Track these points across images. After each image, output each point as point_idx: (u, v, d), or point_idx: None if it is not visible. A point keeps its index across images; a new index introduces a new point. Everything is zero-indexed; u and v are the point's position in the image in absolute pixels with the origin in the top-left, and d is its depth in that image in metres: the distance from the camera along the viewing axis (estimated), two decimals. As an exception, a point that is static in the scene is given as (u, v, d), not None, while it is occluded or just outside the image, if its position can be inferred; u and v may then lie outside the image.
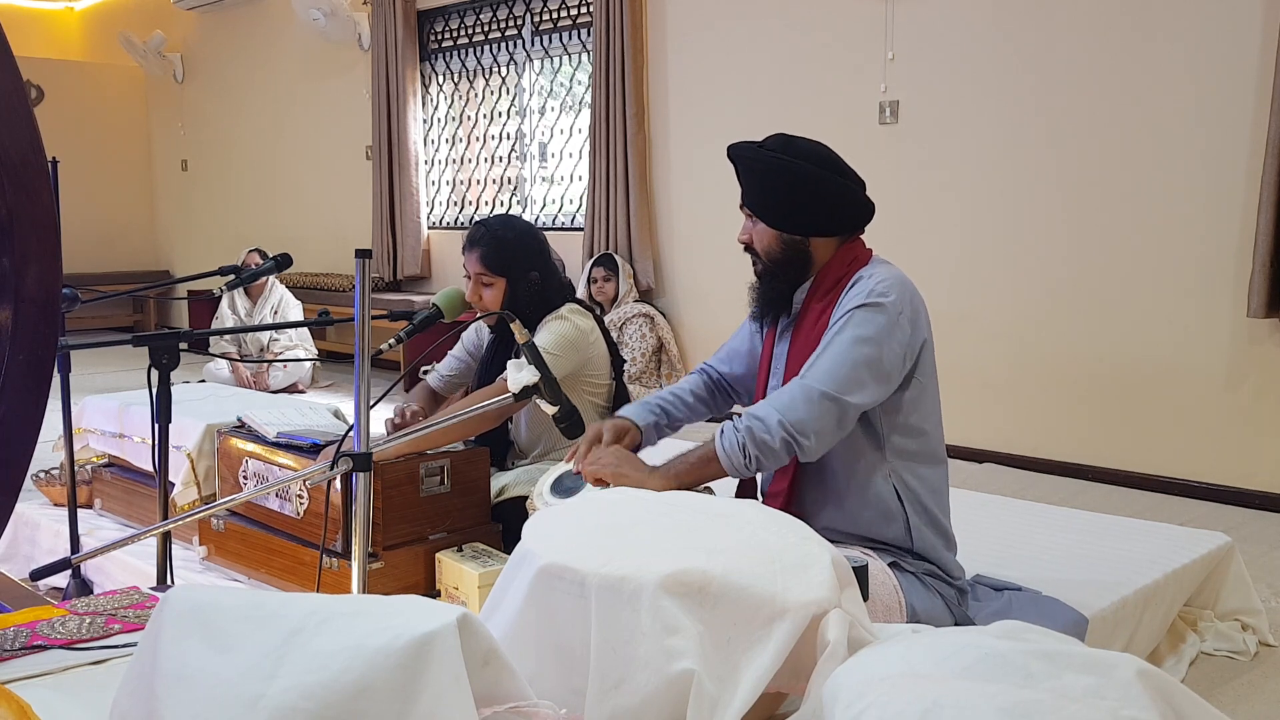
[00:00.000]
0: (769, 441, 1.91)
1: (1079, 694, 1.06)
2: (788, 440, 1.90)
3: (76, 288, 2.79)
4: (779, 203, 2.04)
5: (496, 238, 2.68)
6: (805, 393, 1.91)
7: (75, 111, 9.87)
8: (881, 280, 2.00)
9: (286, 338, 6.87)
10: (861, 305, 1.97)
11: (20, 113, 1.44)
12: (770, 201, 2.05)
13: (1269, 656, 2.66)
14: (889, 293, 1.98)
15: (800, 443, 1.90)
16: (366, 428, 1.74)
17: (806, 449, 1.92)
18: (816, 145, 2.08)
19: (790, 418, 1.90)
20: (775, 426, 1.90)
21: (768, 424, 1.91)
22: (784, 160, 2.02)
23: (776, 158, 2.02)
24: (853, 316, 1.96)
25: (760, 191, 2.06)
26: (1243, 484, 4.12)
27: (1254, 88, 3.98)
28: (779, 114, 5.46)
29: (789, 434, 1.90)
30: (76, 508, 3.05)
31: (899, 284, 2.01)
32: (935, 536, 2.09)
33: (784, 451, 1.92)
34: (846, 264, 2.06)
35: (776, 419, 1.90)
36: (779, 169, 2.02)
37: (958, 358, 4.78)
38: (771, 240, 2.06)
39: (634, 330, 5.87)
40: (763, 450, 1.92)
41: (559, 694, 1.33)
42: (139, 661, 1.21)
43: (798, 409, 1.90)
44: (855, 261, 2.07)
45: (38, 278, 1.47)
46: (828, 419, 1.91)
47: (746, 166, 2.08)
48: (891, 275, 2.03)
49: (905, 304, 1.99)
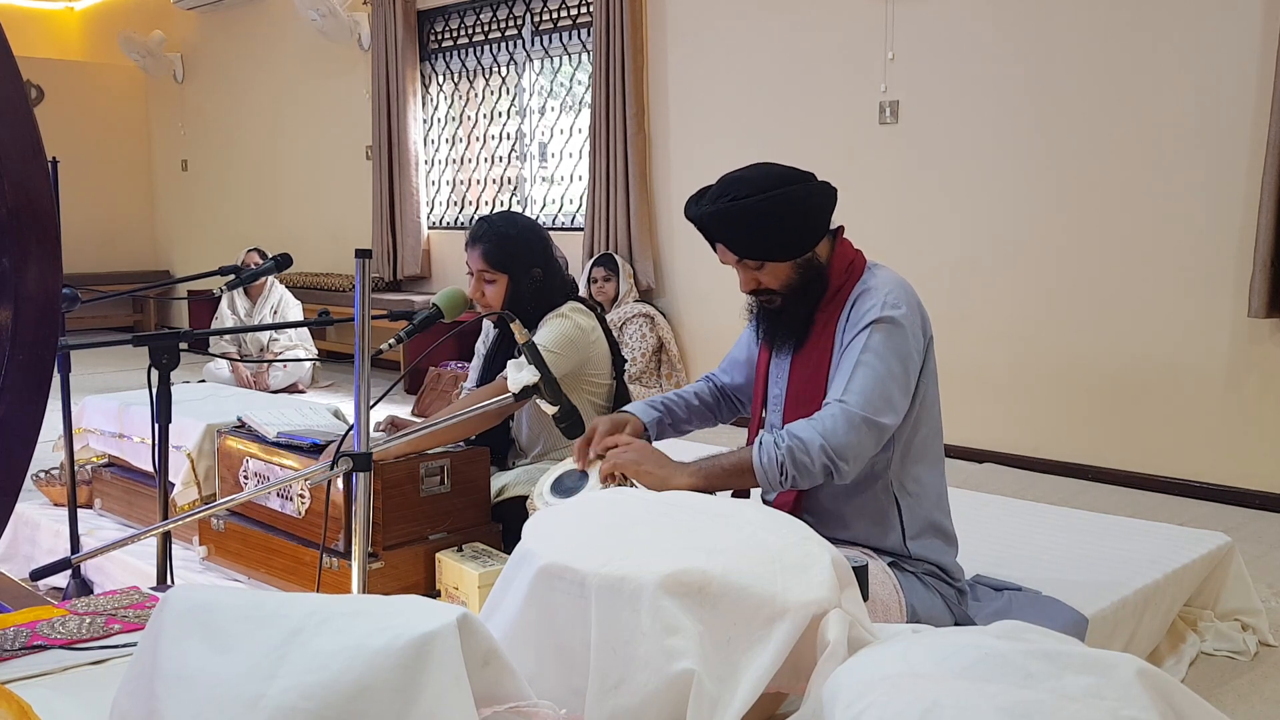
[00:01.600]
0: (809, 464, 1.91)
1: (1079, 694, 1.06)
2: (827, 464, 1.91)
3: (76, 288, 2.79)
4: (779, 237, 2.01)
5: (499, 234, 2.67)
6: (848, 418, 1.91)
7: (75, 111, 9.87)
8: (889, 291, 2.01)
9: (286, 338, 6.87)
10: (879, 320, 1.97)
11: (20, 113, 1.44)
12: (772, 241, 2.01)
13: (1269, 656, 2.66)
14: (900, 304, 1.99)
15: (839, 467, 1.91)
16: (366, 428, 1.74)
17: (844, 472, 1.92)
18: (764, 167, 2.04)
19: (833, 442, 1.90)
20: (817, 451, 1.90)
21: (809, 447, 1.90)
22: (759, 199, 1.97)
23: (752, 201, 1.97)
24: (873, 333, 1.96)
25: (756, 237, 2.01)
26: (1243, 484, 4.12)
27: (1254, 88, 3.98)
28: (779, 114, 5.47)
29: (830, 458, 1.90)
30: (76, 508, 3.05)
31: (904, 291, 2.03)
32: (933, 538, 2.09)
33: (822, 474, 1.92)
34: (845, 270, 2.06)
35: (819, 443, 1.90)
36: (761, 209, 1.97)
37: (958, 358, 4.78)
38: (787, 272, 2.04)
39: (634, 330, 5.87)
40: (801, 471, 1.92)
41: (559, 694, 1.33)
42: (139, 661, 1.21)
43: (840, 433, 1.90)
44: (853, 267, 2.07)
45: (38, 278, 1.47)
46: (867, 443, 1.93)
47: (726, 222, 2.00)
48: (895, 283, 2.04)
49: (915, 312, 2.01)
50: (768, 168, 2.03)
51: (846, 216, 2.19)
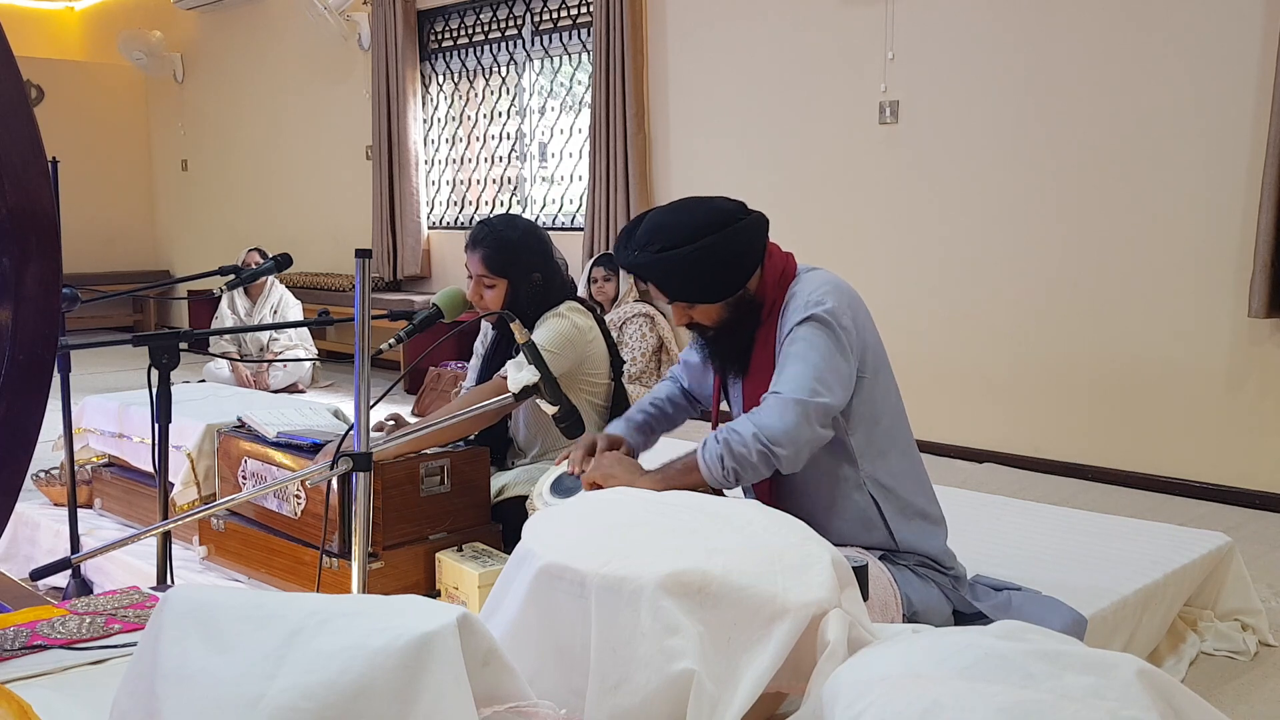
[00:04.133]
0: (746, 454, 1.93)
1: (1079, 694, 1.06)
2: (764, 452, 1.92)
3: (76, 288, 2.79)
4: (709, 281, 2.03)
5: (499, 238, 2.66)
6: (779, 403, 1.93)
7: (75, 111, 9.87)
8: (812, 290, 2.03)
9: (286, 337, 6.87)
10: (804, 319, 2.00)
11: (20, 113, 1.44)
12: (701, 286, 2.03)
13: (1269, 656, 2.66)
14: (825, 299, 2.01)
15: (776, 452, 1.92)
16: (366, 428, 1.74)
17: (784, 459, 1.93)
18: (692, 208, 2.04)
19: (765, 429, 1.92)
20: (751, 439, 1.92)
21: (744, 436, 1.93)
22: (689, 250, 1.97)
23: (682, 252, 1.97)
24: (799, 331, 2.00)
25: (685, 283, 2.03)
26: (1243, 484, 4.12)
27: (1254, 88, 3.98)
28: (779, 114, 5.47)
29: (764, 445, 1.91)
30: (76, 508, 3.05)
31: (831, 287, 2.05)
32: (920, 525, 2.11)
33: (761, 463, 1.93)
34: (776, 284, 2.08)
35: (752, 431, 1.92)
36: (690, 258, 1.98)
37: (958, 358, 4.78)
38: (717, 312, 2.07)
39: (634, 330, 5.87)
40: (740, 463, 1.94)
41: (559, 694, 1.33)
42: (139, 661, 1.21)
43: (773, 419, 1.92)
44: (784, 278, 2.09)
45: (38, 278, 1.47)
46: (803, 425, 1.93)
47: (655, 271, 2.02)
48: (819, 281, 2.06)
49: (843, 304, 2.03)
50: (695, 208, 2.03)
51: (846, 216, 2.20)
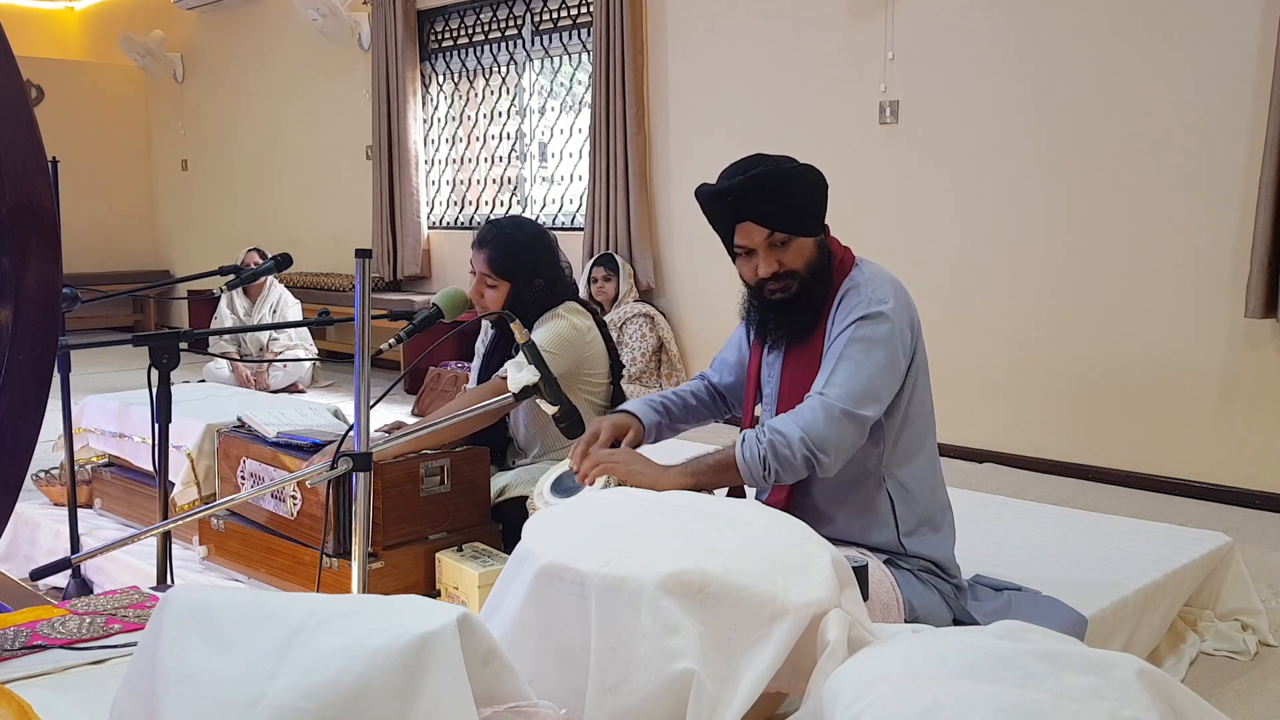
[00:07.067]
0: (790, 457, 1.91)
1: (1079, 694, 1.06)
2: (808, 456, 1.91)
3: (76, 288, 2.79)
4: (808, 207, 2.01)
5: (507, 241, 2.66)
6: (827, 410, 1.92)
7: (75, 111, 9.87)
8: (876, 286, 2.01)
9: (286, 337, 6.87)
10: (865, 316, 1.97)
11: (20, 113, 1.44)
12: (802, 211, 2.01)
13: (1269, 656, 2.66)
14: (887, 299, 1.99)
15: (820, 459, 1.92)
16: (366, 428, 1.74)
17: (826, 465, 1.93)
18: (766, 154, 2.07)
19: (813, 435, 1.90)
20: (798, 443, 1.91)
21: (790, 439, 1.91)
22: (791, 167, 2.00)
23: (785, 169, 1.98)
24: (858, 328, 1.97)
25: (788, 206, 1.99)
26: (1243, 484, 4.12)
27: (1253, 88, 3.98)
28: (779, 114, 5.47)
29: (810, 450, 1.91)
30: (76, 508, 3.05)
31: (892, 286, 2.03)
32: (929, 533, 2.09)
33: (804, 467, 1.93)
34: (836, 266, 2.06)
35: (799, 435, 1.91)
36: (794, 176, 1.99)
37: (958, 358, 4.78)
38: (811, 251, 2.03)
39: (634, 330, 5.87)
40: (783, 464, 1.92)
41: (559, 694, 1.33)
42: (139, 661, 1.21)
43: (820, 426, 1.91)
44: (842, 264, 2.07)
45: (38, 278, 1.47)
46: (847, 435, 1.93)
47: (761, 190, 1.98)
48: (882, 278, 2.04)
49: (902, 306, 2.01)
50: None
51: (846, 216, 2.19)
